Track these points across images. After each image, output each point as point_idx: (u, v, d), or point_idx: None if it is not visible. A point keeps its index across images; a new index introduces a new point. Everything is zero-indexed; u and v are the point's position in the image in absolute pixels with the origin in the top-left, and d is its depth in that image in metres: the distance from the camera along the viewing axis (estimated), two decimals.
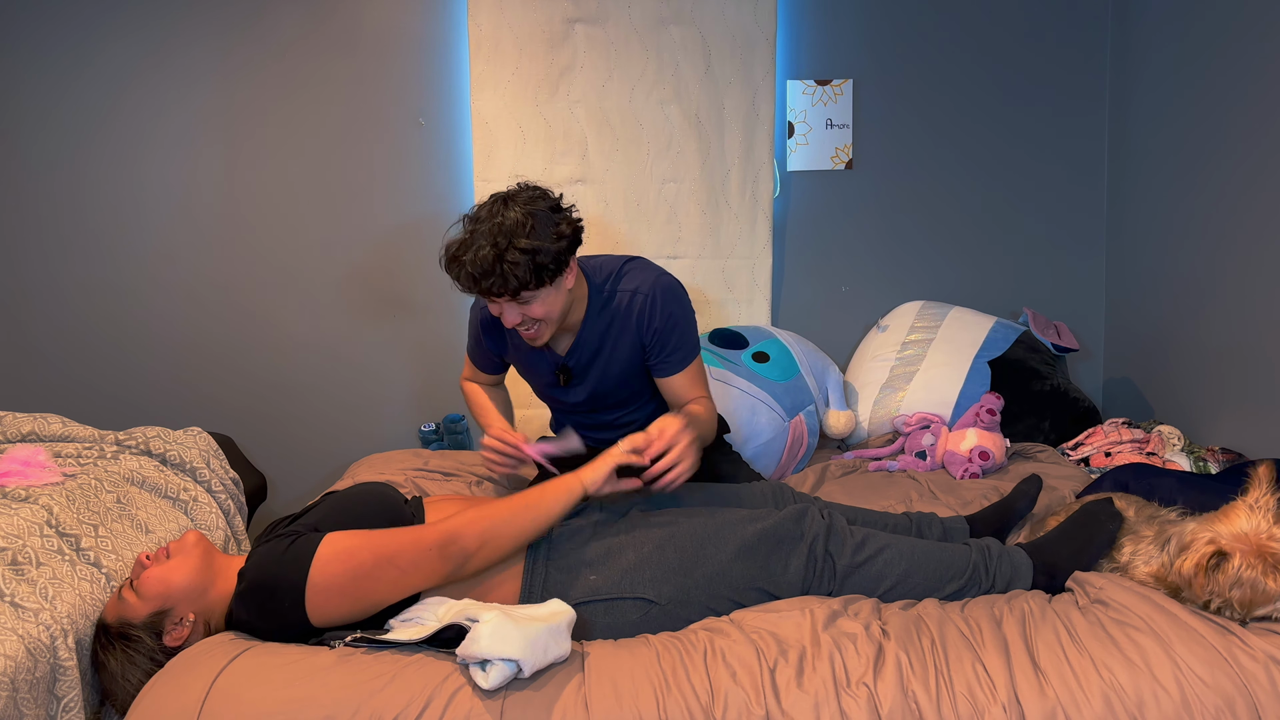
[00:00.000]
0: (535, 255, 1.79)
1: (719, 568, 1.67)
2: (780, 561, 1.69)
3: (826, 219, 3.19)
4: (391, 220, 3.09)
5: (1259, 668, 1.44)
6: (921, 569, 1.71)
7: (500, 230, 1.79)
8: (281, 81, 3.02)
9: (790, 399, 2.79)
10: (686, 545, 1.69)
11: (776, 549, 1.69)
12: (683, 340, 2.05)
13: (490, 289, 1.81)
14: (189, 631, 1.61)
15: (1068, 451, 2.71)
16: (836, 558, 1.69)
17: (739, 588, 1.67)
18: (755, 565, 1.68)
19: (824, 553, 1.70)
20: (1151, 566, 1.68)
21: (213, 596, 1.63)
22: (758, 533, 1.70)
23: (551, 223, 1.83)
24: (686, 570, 1.66)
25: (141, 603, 1.61)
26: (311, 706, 1.40)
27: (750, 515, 1.76)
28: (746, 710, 1.41)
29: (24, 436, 2.27)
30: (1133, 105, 3.02)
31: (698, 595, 1.65)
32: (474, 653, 1.41)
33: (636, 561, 1.67)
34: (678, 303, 2.04)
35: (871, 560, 1.70)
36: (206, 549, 1.68)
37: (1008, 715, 1.41)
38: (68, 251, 3.05)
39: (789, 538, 1.70)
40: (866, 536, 1.73)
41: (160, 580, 1.61)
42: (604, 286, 2.04)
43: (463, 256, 1.81)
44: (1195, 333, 2.74)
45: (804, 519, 1.73)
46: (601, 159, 3.01)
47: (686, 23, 2.98)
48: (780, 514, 1.74)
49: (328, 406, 3.15)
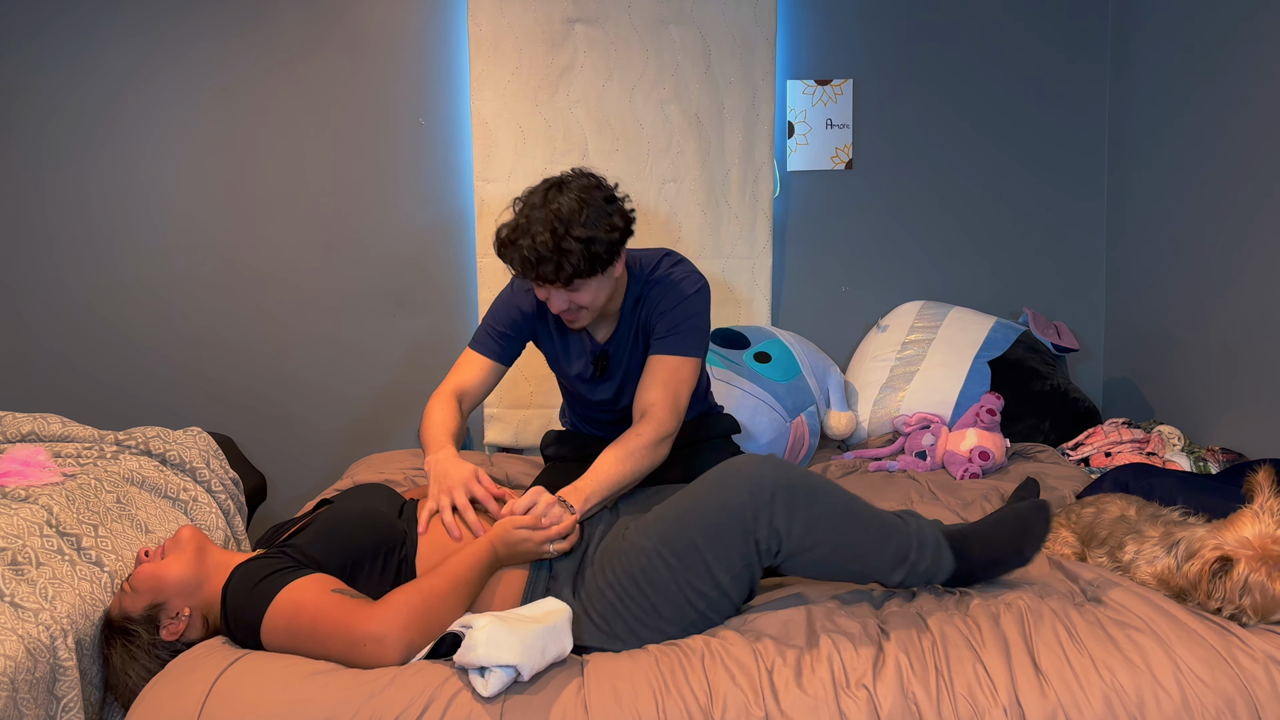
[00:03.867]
0: (591, 244, 1.78)
1: (675, 603, 1.58)
2: (723, 558, 1.58)
3: (826, 219, 3.19)
4: (391, 220, 3.09)
5: (1259, 668, 1.44)
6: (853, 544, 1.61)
7: (558, 217, 1.77)
8: (282, 82, 3.02)
9: (792, 400, 2.78)
10: (640, 584, 1.59)
11: (717, 549, 1.58)
12: (677, 327, 1.96)
13: (545, 275, 1.80)
14: (184, 626, 1.62)
15: (1068, 451, 2.71)
16: (783, 539, 1.58)
17: (700, 607, 1.59)
18: (701, 574, 1.58)
19: (769, 534, 1.57)
20: (1155, 567, 1.67)
21: (208, 593, 1.63)
22: (692, 537, 1.58)
23: (605, 213, 1.82)
24: (653, 610, 1.58)
25: (135, 597, 1.62)
26: (311, 708, 1.39)
27: (688, 508, 1.62)
28: (746, 712, 1.41)
29: (24, 436, 2.27)
30: (1134, 105, 3.02)
31: (675, 631, 1.59)
32: (471, 660, 1.40)
33: (609, 610, 1.59)
34: (694, 291, 1.99)
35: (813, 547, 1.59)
36: (200, 544, 1.68)
37: (1008, 717, 1.41)
38: (68, 251, 3.05)
39: (724, 531, 1.57)
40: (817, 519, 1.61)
41: (152, 575, 1.62)
42: (641, 276, 2.03)
43: (519, 240, 1.78)
44: (1195, 333, 2.74)
45: (747, 515, 1.58)
46: (601, 159, 3.01)
47: (686, 23, 2.98)
48: (714, 501, 1.60)
49: (328, 406, 3.15)
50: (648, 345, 2.04)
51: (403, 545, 1.70)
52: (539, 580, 1.67)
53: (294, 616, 1.50)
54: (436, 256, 3.09)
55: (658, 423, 1.88)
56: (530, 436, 3.05)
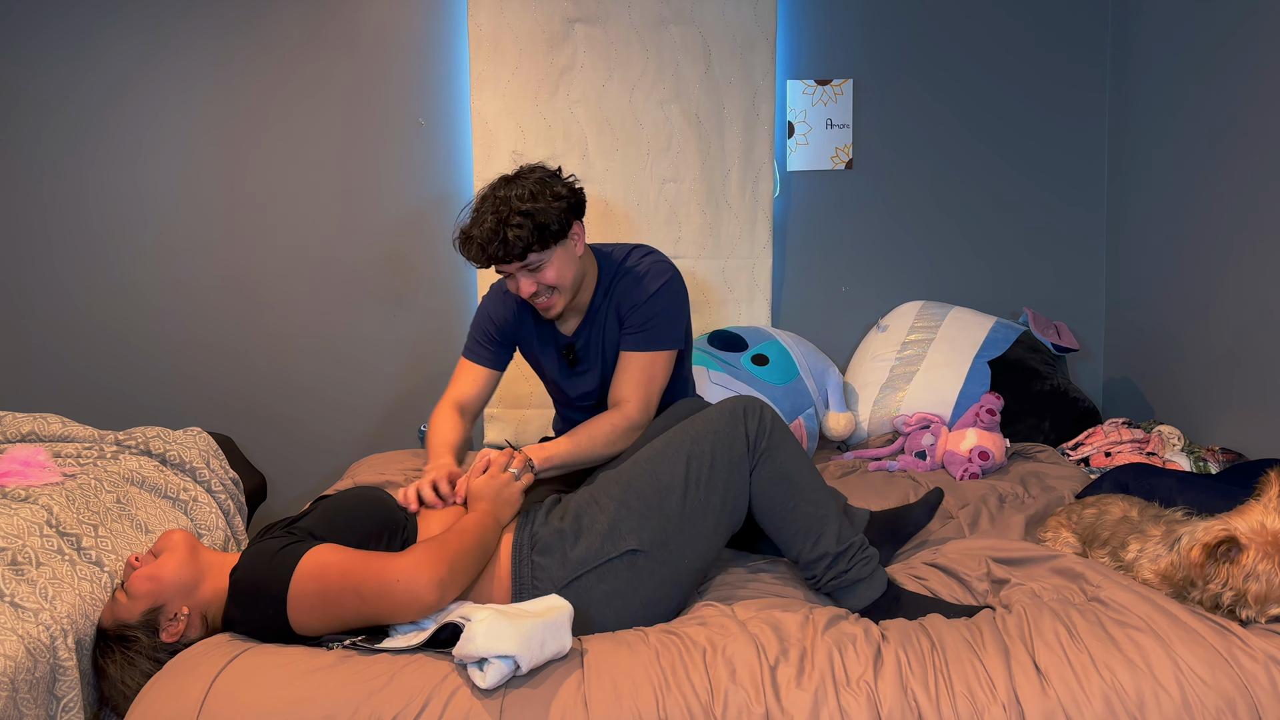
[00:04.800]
0: (534, 217, 1.86)
1: (679, 491, 1.71)
2: (720, 446, 1.73)
3: (826, 219, 3.19)
4: (392, 221, 3.09)
5: (1259, 668, 1.44)
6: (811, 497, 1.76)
7: (502, 201, 1.88)
8: (282, 82, 3.02)
9: (790, 402, 2.78)
10: (645, 485, 1.72)
11: (715, 439, 1.74)
12: (647, 323, 2.02)
13: (498, 255, 1.88)
14: (184, 626, 1.61)
15: (1068, 451, 2.71)
16: (762, 438, 1.75)
17: (704, 498, 1.71)
18: (703, 461, 1.72)
19: (756, 431, 1.74)
20: (1158, 566, 1.67)
21: (205, 591, 1.63)
22: (696, 433, 1.75)
23: (547, 186, 1.91)
24: (655, 508, 1.70)
25: (133, 602, 1.61)
26: (310, 706, 1.39)
27: (688, 421, 1.80)
28: (746, 708, 1.41)
29: (24, 436, 2.27)
30: (1134, 105, 3.02)
31: (674, 525, 1.69)
32: (470, 652, 1.41)
33: (608, 522, 1.70)
34: (662, 282, 2.03)
35: (778, 452, 1.75)
36: (191, 545, 1.68)
37: (1008, 715, 1.41)
38: (67, 251, 3.05)
39: (721, 427, 1.74)
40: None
41: (147, 578, 1.62)
42: (611, 270, 2.08)
43: (471, 231, 1.90)
44: (1195, 333, 2.74)
45: (738, 409, 1.77)
46: (601, 159, 3.01)
47: (686, 23, 2.98)
48: (713, 411, 1.78)
49: (328, 406, 3.15)
50: (618, 332, 2.08)
51: (404, 529, 1.73)
52: (522, 574, 1.68)
53: (321, 576, 1.52)
54: (436, 256, 3.09)
55: (627, 415, 1.97)
56: (530, 436, 3.05)
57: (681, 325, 2.07)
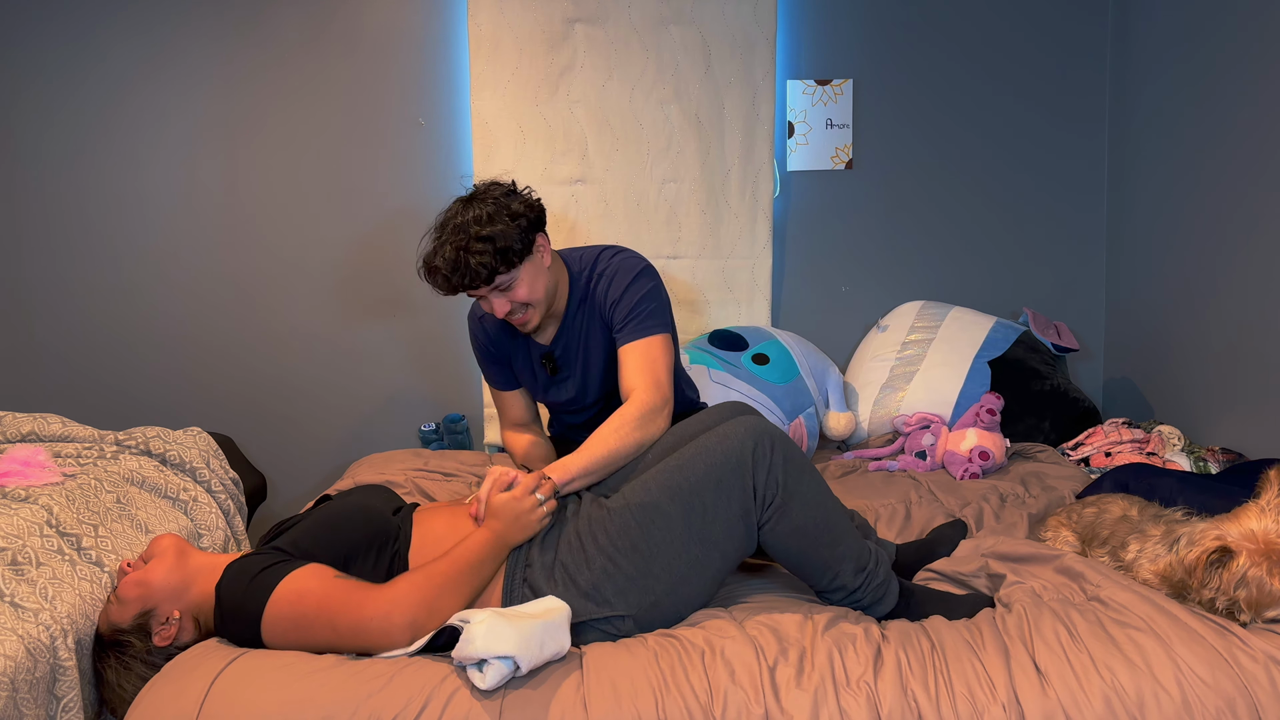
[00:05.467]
0: (494, 241, 1.86)
1: (675, 548, 1.62)
2: (722, 502, 1.62)
3: (826, 219, 3.19)
4: (392, 221, 3.09)
5: (1259, 668, 1.44)
6: (833, 526, 1.66)
7: (460, 229, 1.88)
8: (282, 82, 3.02)
9: (790, 401, 2.78)
10: (635, 540, 1.62)
11: (718, 491, 1.62)
12: (632, 313, 2.00)
13: (464, 283, 1.89)
14: (176, 630, 1.61)
15: (1068, 451, 2.71)
16: (773, 490, 1.62)
17: (701, 555, 1.62)
18: (699, 519, 1.62)
19: (765, 483, 1.62)
20: (1158, 565, 1.67)
21: (195, 595, 1.63)
22: (697, 480, 1.62)
23: (503, 206, 1.90)
24: (644, 569, 1.61)
25: (124, 607, 1.62)
26: (309, 708, 1.39)
27: (692, 458, 1.66)
28: (746, 709, 1.41)
29: (24, 436, 2.27)
30: (1134, 105, 3.02)
31: (664, 587, 1.62)
32: (469, 654, 1.41)
33: (593, 582, 1.61)
34: (635, 274, 2.03)
35: (794, 503, 1.63)
36: (180, 549, 1.68)
37: (1007, 715, 1.41)
38: (68, 251, 3.05)
39: (726, 475, 1.62)
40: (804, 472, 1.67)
41: (137, 583, 1.63)
42: (581, 275, 2.08)
43: (433, 262, 1.90)
44: (1195, 333, 2.74)
45: (745, 458, 1.63)
46: (601, 159, 3.01)
47: (686, 23, 2.98)
48: (719, 451, 1.64)
49: (328, 406, 3.15)
50: (606, 341, 2.08)
51: (395, 540, 1.70)
52: (516, 570, 1.67)
53: (298, 603, 1.51)
54: None
55: (640, 400, 1.89)
56: None
57: (666, 308, 2.05)
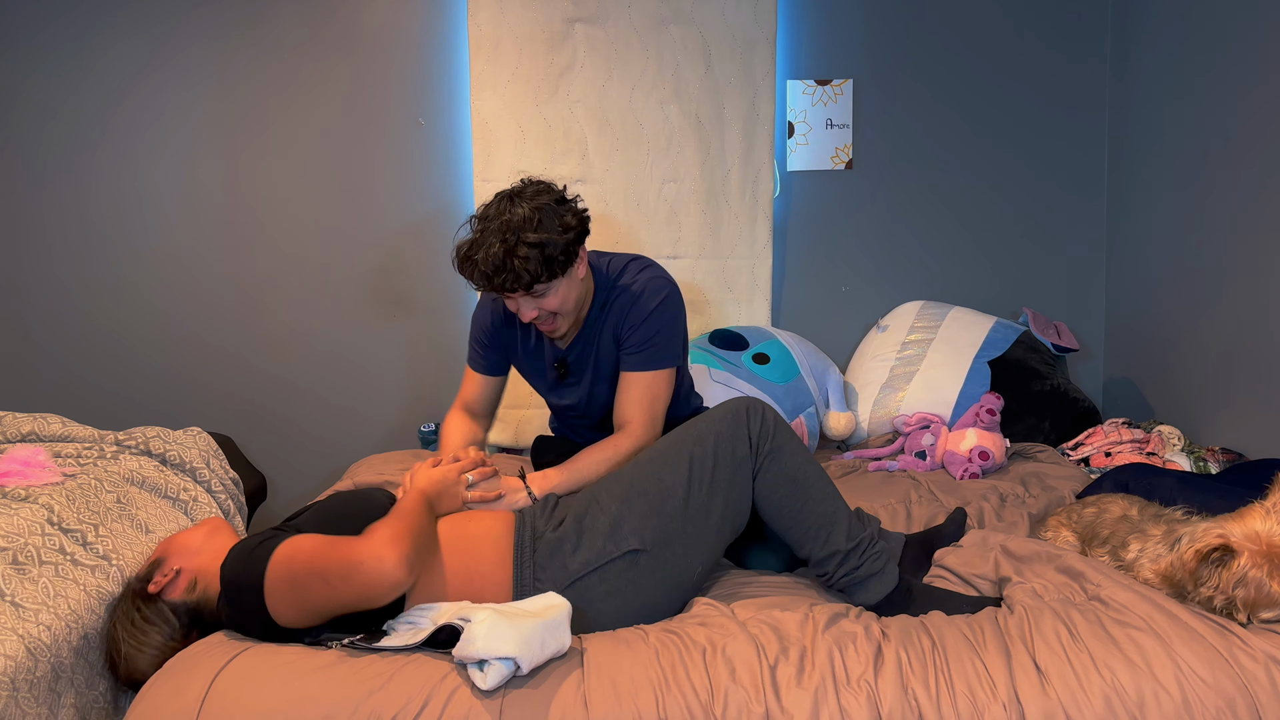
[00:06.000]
0: (544, 249, 1.83)
1: (682, 491, 1.70)
2: (722, 448, 1.72)
3: (826, 219, 3.19)
4: (392, 221, 3.09)
5: (1259, 668, 1.44)
6: (820, 492, 1.74)
7: (508, 227, 1.83)
8: (282, 82, 3.02)
9: (791, 401, 2.79)
10: (647, 485, 1.71)
11: (718, 441, 1.72)
12: (647, 343, 2.00)
13: (503, 285, 1.85)
14: (168, 580, 1.64)
15: (1068, 451, 2.71)
16: (765, 439, 1.73)
17: (706, 498, 1.70)
18: (704, 463, 1.71)
19: (759, 432, 1.73)
20: (1159, 565, 1.67)
21: (204, 559, 1.67)
22: (699, 434, 1.73)
23: (557, 215, 1.87)
24: (657, 508, 1.69)
25: (151, 563, 1.71)
26: (310, 705, 1.40)
27: (691, 422, 1.78)
28: (746, 708, 1.41)
29: (24, 436, 2.27)
30: (1134, 106, 3.03)
31: (676, 525, 1.69)
32: (470, 654, 1.41)
33: (610, 522, 1.69)
34: (659, 301, 2.01)
35: (782, 452, 1.73)
36: (216, 524, 1.76)
37: (1008, 714, 1.41)
38: (68, 251, 3.05)
39: (724, 430, 1.73)
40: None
41: (168, 539, 1.75)
42: (606, 284, 2.06)
43: (474, 255, 1.85)
44: (1195, 333, 2.74)
45: (740, 411, 1.75)
46: (601, 159, 3.01)
47: (686, 23, 2.98)
48: (716, 413, 1.77)
49: (328, 406, 3.15)
50: (615, 355, 2.06)
51: None
52: (524, 576, 1.68)
53: (292, 562, 1.53)
54: (436, 257, 3.09)
55: (635, 437, 1.98)
56: (530, 436, 3.05)
57: (680, 341, 2.07)
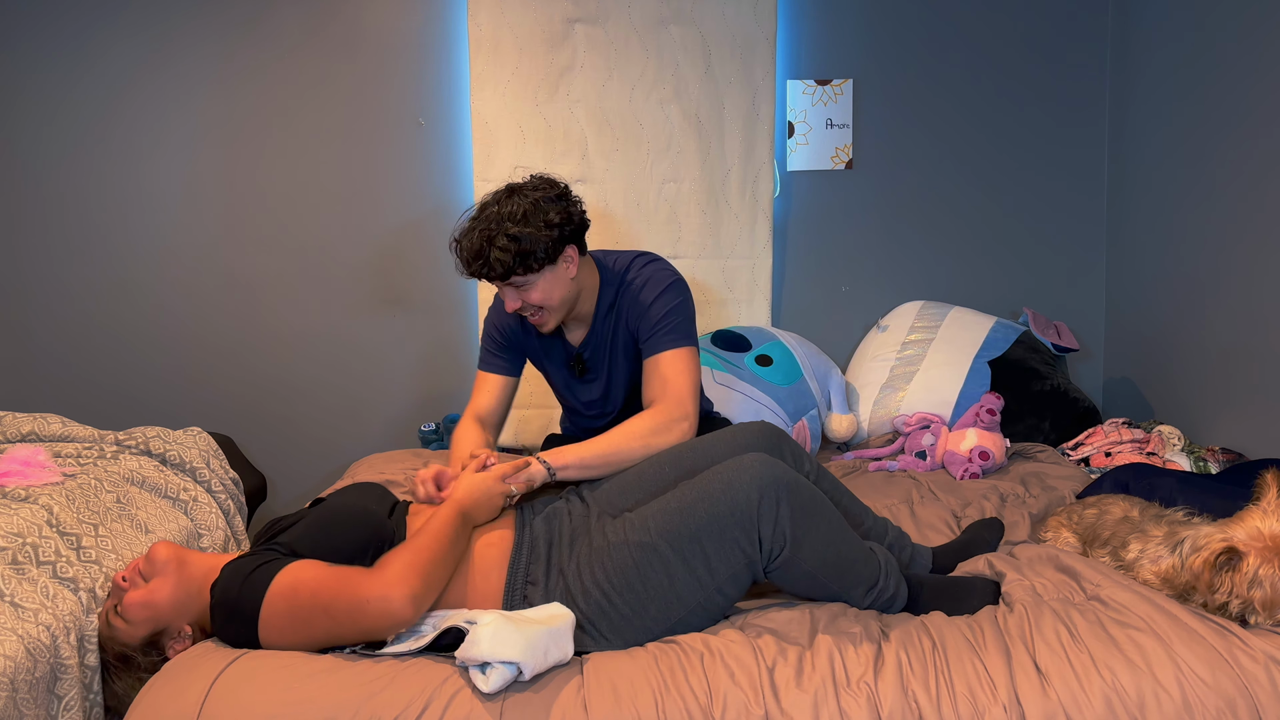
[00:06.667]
0: (520, 243, 1.87)
1: (668, 594, 1.58)
2: (724, 552, 1.57)
3: (826, 219, 3.18)
4: (392, 220, 3.09)
5: (1260, 668, 1.44)
6: (839, 569, 1.63)
7: (495, 219, 1.88)
8: (282, 82, 3.02)
9: (794, 403, 2.78)
10: (630, 580, 1.58)
11: (721, 541, 1.57)
12: (658, 326, 1.99)
13: (479, 273, 1.92)
14: (189, 643, 1.61)
15: (1068, 451, 2.71)
16: (780, 544, 1.57)
17: (700, 600, 1.59)
18: (700, 566, 1.57)
19: (773, 536, 1.57)
20: (1160, 567, 1.67)
21: (203, 603, 1.61)
22: (699, 525, 1.57)
23: (544, 212, 1.89)
24: (638, 610, 1.58)
25: (133, 628, 1.59)
26: (311, 708, 1.39)
27: (697, 499, 1.59)
28: (746, 710, 1.41)
29: (24, 436, 2.27)
30: (1134, 106, 3.02)
31: (660, 629, 1.59)
32: (474, 656, 1.41)
33: (583, 616, 1.58)
34: (664, 286, 2.03)
35: (798, 560, 1.59)
36: (180, 561, 1.63)
37: (1008, 715, 1.41)
38: (68, 251, 3.05)
39: (730, 527, 1.56)
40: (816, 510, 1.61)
41: (144, 605, 1.59)
42: (613, 280, 2.08)
43: (461, 240, 1.93)
44: (1195, 333, 2.74)
45: (752, 503, 1.56)
46: (601, 159, 3.01)
47: (686, 23, 2.98)
48: (727, 490, 1.58)
49: (328, 406, 3.15)
50: (632, 349, 2.08)
51: (391, 543, 1.68)
52: (516, 582, 1.67)
53: (294, 594, 1.50)
54: (436, 256, 3.09)
55: (658, 410, 1.91)
56: (530, 436, 3.05)
57: (692, 321, 2.07)
